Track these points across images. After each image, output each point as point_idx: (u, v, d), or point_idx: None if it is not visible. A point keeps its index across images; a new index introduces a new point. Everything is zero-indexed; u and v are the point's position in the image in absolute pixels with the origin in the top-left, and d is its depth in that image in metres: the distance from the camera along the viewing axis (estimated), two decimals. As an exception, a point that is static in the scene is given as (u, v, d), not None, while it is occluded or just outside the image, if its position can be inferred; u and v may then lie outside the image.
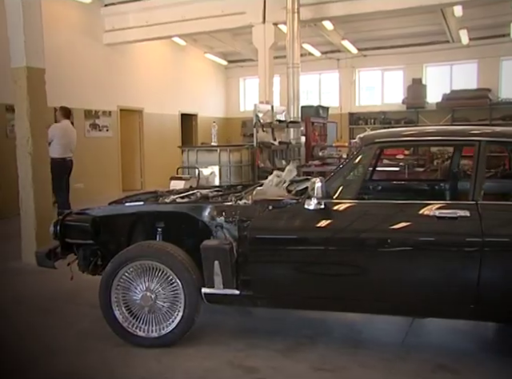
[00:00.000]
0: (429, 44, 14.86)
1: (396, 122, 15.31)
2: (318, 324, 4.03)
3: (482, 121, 14.51)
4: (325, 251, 3.31)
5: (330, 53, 16.04)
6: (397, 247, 3.17)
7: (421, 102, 15.15)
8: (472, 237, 3.03)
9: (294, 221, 3.39)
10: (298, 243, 3.38)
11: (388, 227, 3.19)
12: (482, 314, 3.17)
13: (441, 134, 3.50)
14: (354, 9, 10.78)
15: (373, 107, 16.16)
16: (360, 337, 3.78)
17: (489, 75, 14.75)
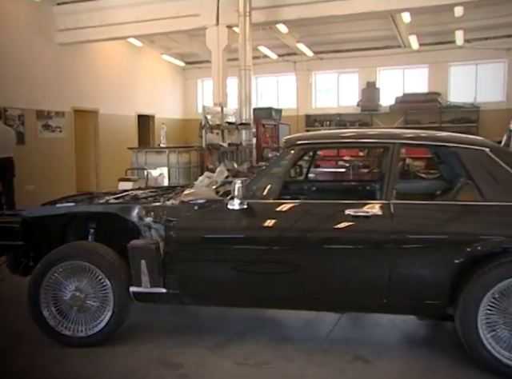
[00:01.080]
0: (382, 48, 15.24)
1: (351, 124, 15.64)
2: (250, 321, 4.14)
3: (432, 124, 15.01)
4: (247, 250, 3.42)
5: (286, 56, 16.24)
6: (314, 245, 3.31)
7: (375, 105, 15.53)
8: (383, 234, 3.19)
9: (218, 221, 3.50)
10: (222, 242, 3.49)
11: (305, 226, 3.33)
12: (393, 308, 3.34)
13: (358, 137, 3.67)
14: (306, 14, 10.98)
15: (329, 109, 16.45)
16: (287, 332, 3.92)
17: (439, 80, 15.24)
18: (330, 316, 4.08)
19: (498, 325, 3.08)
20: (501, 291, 3.06)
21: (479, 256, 3.11)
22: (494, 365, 3.08)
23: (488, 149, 3.30)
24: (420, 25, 13.39)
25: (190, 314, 4.34)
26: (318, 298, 3.42)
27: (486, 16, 12.96)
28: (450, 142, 3.42)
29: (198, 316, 4.31)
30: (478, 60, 14.82)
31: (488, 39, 14.31)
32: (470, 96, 15.13)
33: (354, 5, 10.67)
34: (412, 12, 11.80)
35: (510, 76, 14.55)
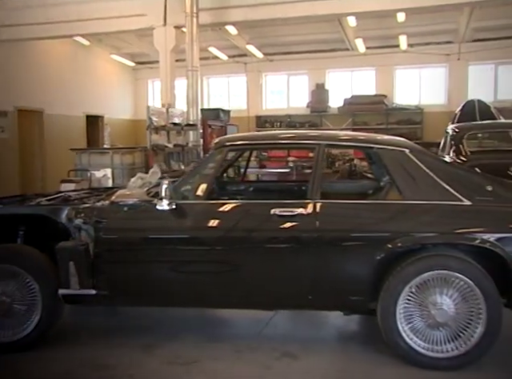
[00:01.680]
0: (331, 51, 15.54)
1: (301, 125, 15.88)
2: (182, 320, 4.16)
3: (379, 125, 15.45)
4: (175, 250, 3.46)
5: (237, 57, 16.32)
6: (241, 245, 3.37)
7: (324, 106, 15.81)
8: (307, 233, 3.29)
9: (147, 222, 3.52)
10: (150, 243, 3.51)
11: (232, 226, 3.39)
12: (319, 304, 3.45)
13: (285, 138, 3.77)
14: (252, 16, 11.08)
15: (279, 110, 16.65)
16: (218, 331, 3.97)
17: (385, 82, 15.69)
18: (265, 314, 4.16)
19: (414, 316, 3.23)
20: (417, 285, 3.21)
21: (399, 252, 3.25)
22: (410, 354, 3.22)
23: (407, 150, 3.46)
24: (366, 29, 13.75)
25: (122, 315, 4.34)
26: (246, 297, 3.48)
27: (428, 22, 13.45)
28: (372, 143, 3.56)
29: (129, 316, 4.31)
30: (422, 64, 15.35)
31: (430, 44, 14.86)
32: (414, 98, 15.66)
33: (299, 8, 10.84)
34: (357, 16, 12.10)
35: (451, 80, 15.13)
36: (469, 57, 14.78)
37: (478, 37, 14.54)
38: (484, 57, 14.60)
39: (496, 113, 10.61)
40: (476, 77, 15.26)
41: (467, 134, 8.40)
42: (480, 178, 3.48)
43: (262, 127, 16.28)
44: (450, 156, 8.24)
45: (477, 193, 3.32)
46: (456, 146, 8.28)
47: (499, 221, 3.24)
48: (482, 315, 3.16)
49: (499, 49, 14.21)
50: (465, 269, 3.16)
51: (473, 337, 3.17)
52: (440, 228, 3.26)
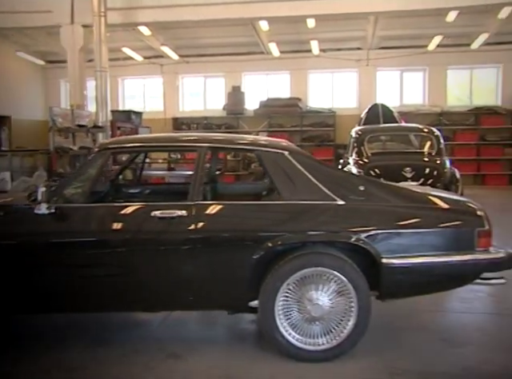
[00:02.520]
0: (246, 54, 15.73)
1: (217, 128, 15.95)
2: (69, 325, 4.07)
3: (294, 127, 15.86)
4: (55, 255, 3.39)
5: (153, 59, 16.11)
6: (122, 247, 3.37)
7: (240, 109, 15.97)
8: (186, 234, 3.34)
9: (24, 227, 3.41)
10: (29, 247, 3.41)
11: (112, 229, 3.38)
12: (201, 304, 3.51)
13: (167, 141, 3.81)
14: (163, 17, 11.05)
15: (196, 112, 16.61)
16: (106, 335, 3.92)
17: (299, 86, 16.10)
18: (159, 315, 4.17)
19: (292, 312, 3.36)
20: (294, 282, 3.35)
21: (277, 251, 3.37)
22: (289, 349, 3.35)
23: (287, 152, 3.59)
24: (279, 33, 14.07)
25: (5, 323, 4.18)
26: (129, 299, 3.47)
27: (338, 29, 13.99)
28: (253, 146, 3.67)
29: (15, 324, 4.16)
30: (334, 69, 15.89)
31: (341, 50, 15.44)
32: (327, 102, 16.20)
33: (212, 11, 10.94)
34: (269, 21, 12.35)
35: (361, 84, 15.80)
36: (377, 63, 15.51)
37: (384, 45, 15.30)
38: (391, 63, 15.37)
39: (398, 117, 11.22)
40: (384, 83, 16.04)
41: (368, 137, 8.83)
42: (353, 179, 3.68)
43: (179, 129, 16.17)
44: (353, 157, 8.64)
45: (350, 193, 3.51)
46: (358, 148, 8.68)
47: (370, 220, 3.44)
48: (353, 308, 3.34)
49: (404, 56, 15.03)
50: (338, 265, 3.33)
51: (345, 329, 3.35)
52: (316, 227, 3.42)
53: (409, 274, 3.40)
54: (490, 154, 14.86)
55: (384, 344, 3.69)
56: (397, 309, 4.36)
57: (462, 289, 4.65)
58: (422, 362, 3.39)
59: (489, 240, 3.51)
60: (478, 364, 3.37)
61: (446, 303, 4.58)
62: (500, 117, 14.86)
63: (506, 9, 11.61)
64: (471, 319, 4.27)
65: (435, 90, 15.53)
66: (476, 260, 3.45)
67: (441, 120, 15.17)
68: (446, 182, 7.74)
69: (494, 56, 14.74)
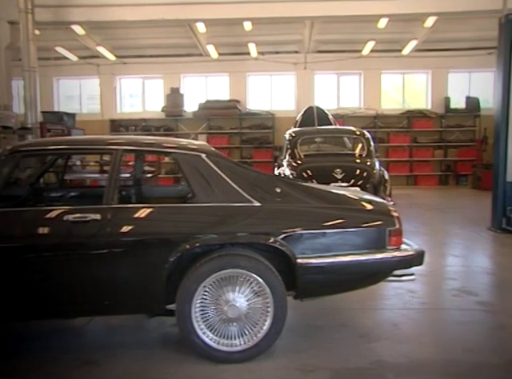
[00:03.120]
0: (185, 56, 15.66)
1: (156, 129, 15.76)
2: None
3: (233, 129, 15.91)
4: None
5: (89, 59, 15.74)
6: (30, 253, 3.26)
7: (179, 111, 15.86)
8: (99, 238, 3.28)
9: None
10: None
11: (22, 234, 3.27)
12: (117, 309, 3.46)
13: (82, 143, 3.73)
14: (97, 16, 10.83)
15: (135, 114, 16.37)
16: (22, 345, 3.79)
17: (238, 88, 16.18)
18: (79, 322, 4.07)
19: (209, 314, 3.37)
20: (211, 284, 3.35)
21: (193, 254, 3.37)
22: (206, 350, 3.36)
23: (204, 155, 3.60)
24: (216, 35, 14.10)
25: None
26: (44, 306, 3.37)
27: (275, 32, 14.16)
28: (170, 148, 3.65)
29: None
30: (272, 71, 16.08)
31: (279, 53, 15.64)
32: (266, 104, 16.36)
33: (146, 11, 10.82)
34: (206, 23, 12.35)
35: (299, 87, 16.06)
36: (314, 66, 15.82)
37: (321, 49, 15.64)
38: (328, 67, 15.73)
39: (332, 120, 11.46)
40: (322, 86, 16.37)
41: (301, 139, 8.98)
42: (270, 180, 3.71)
43: (117, 131, 15.87)
44: (287, 159, 8.77)
45: (266, 195, 3.55)
46: (291, 150, 8.81)
47: (286, 221, 3.50)
48: (269, 308, 3.39)
49: (340, 60, 15.43)
50: (254, 267, 3.36)
51: (262, 329, 3.39)
52: (231, 229, 3.44)
53: (324, 274, 3.49)
54: (422, 156, 15.48)
55: (303, 342, 3.77)
56: (319, 307, 4.46)
57: (383, 287, 4.87)
58: (336, 358, 3.48)
59: (399, 238, 3.66)
60: (387, 357, 3.50)
61: (367, 300, 4.72)
62: (430, 121, 15.50)
63: (431, 19, 12.17)
64: (389, 315, 4.42)
65: (370, 94, 16.02)
66: (388, 258, 3.58)
67: (376, 122, 15.68)
68: (376, 183, 7.98)
69: (424, 62, 15.38)
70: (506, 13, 7.78)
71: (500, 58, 7.87)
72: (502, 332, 3.97)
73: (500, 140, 7.91)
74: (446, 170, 15.57)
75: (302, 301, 3.76)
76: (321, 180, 7.92)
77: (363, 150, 8.75)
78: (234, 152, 15.97)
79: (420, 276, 5.52)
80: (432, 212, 10.34)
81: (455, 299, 4.76)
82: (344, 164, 8.13)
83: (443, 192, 14.04)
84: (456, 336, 3.93)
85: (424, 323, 4.23)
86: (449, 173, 15.57)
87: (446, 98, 15.64)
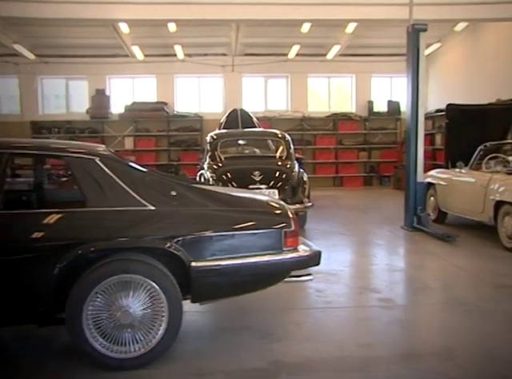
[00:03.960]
0: (110, 56, 15.25)
1: (81, 132, 15.27)
2: None
3: (160, 132, 15.71)
4: None
5: (6, 57, 14.98)
6: None
7: (105, 113, 15.46)
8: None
9: None
10: None
11: None
12: (4, 319, 3.31)
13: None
14: (10, 12, 10.35)
15: (58, 116, 15.74)
16: None
17: (166, 90, 15.97)
18: None
19: (102, 321, 3.29)
20: (103, 290, 3.27)
21: (83, 260, 3.28)
22: (99, 358, 3.28)
23: (98, 158, 3.51)
24: (141, 36, 13.87)
25: None
26: None
27: (202, 35, 14.11)
28: (61, 152, 3.54)
29: None
30: (200, 73, 15.99)
31: (207, 55, 15.59)
32: (195, 106, 16.27)
33: (63, 9, 10.46)
34: (129, 23, 12.12)
35: (227, 90, 16.08)
36: (242, 69, 15.89)
37: (249, 52, 15.73)
38: (255, 70, 15.83)
39: (257, 123, 11.56)
40: (250, 88, 16.48)
41: (222, 141, 9.00)
42: (166, 183, 3.68)
43: (39, 133, 15.21)
44: (207, 162, 8.75)
45: (161, 198, 3.52)
46: (212, 153, 8.81)
47: (180, 224, 3.49)
48: (164, 313, 3.35)
49: (268, 64, 15.57)
50: (147, 272, 3.32)
51: (157, 334, 3.35)
52: (123, 233, 3.38)
53: (219, 276, 3.50)
54: (347, 158, 15.92)
55: (204, 345, 3.77)
56: (226, 309, 4.48)
57: (291, 287, 4.93)
58: (235, 361, 3.50)
59: (296, 239, 3.73)
60: (286, 357, 3.56)
61: (274, 301, 4.78)
62: (354, 123, 15.97)
63: (351, 25, 12.56)
64: (294, 315, 4.50)
65: (297, 97, 16.29)
66: (284, 259, 3.64)
67: (303, 125, 15.97)
68: (294, 185, 8.14)
69: (348, 66, 15.82)
70: (412, 23, 8.15)
71: (409, 65, 8.22)
72: (397, 326, 4.15)
73: (411, 142, 8.26)
74: (370, 171, 16.08)
75: (200, 305, 3.76)
76: (240, 182, 7.98)
77: (283, 153, 8.90)
78: (162, 154, 15.77)
79: (330, 275, 5.69)
80: (353, 212, 10.65)
81: (359, 297, 4.92)
82: (263, 166, 8.22)
83: (367, 192, 14.50)
84: (354, 333, 4.07)
85: (326, 322, 4.33)
86: (373, 175, 16.10)
87: (370, 102, 16.17)
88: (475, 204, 7.45)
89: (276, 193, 7.85)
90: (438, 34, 14.34)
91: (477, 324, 4.16)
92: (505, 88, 12.03)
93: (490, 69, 13.00)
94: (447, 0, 10.68)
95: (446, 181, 8.52)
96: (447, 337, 3.87)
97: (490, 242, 7.04)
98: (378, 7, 10.69)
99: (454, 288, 5.32)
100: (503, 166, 7.68)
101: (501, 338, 3.85)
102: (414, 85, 8.16)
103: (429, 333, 3.98)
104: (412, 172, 8.28)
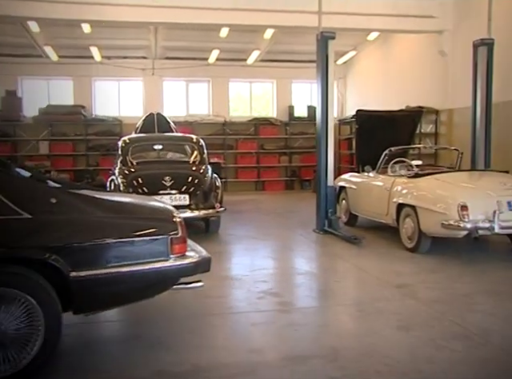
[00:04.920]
0: (22, 56, 14.54)
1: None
2: None
3: (78, 136, 15.18)
4: None
5: None
6: None
7: (16, 115, 14.69)
8: None
9: None
10: None
11: None
12: None
13: None
14: None
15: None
16: None
17: (83, 93, 15.47)
18: None
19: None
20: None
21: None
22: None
23: None
24: (54, 36, 13.35)
25: None
26: None
27: (120, 37, 13.77)
28: None
29: None
30: (120, 77, 15.63)
31: (127, 58, 15.26)
32: (114, 110, 15.86)
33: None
34: (39, 22, 11.61)
35: (147, 94, 15.82)
36: (162, 73, 15.68)
37: (169, 55, 15.55)
38: (176, 74, 15.68)
39: (174, 127, 11.41)
40: (171, 92, 16.29)
41: (134, 146, 8.83)
42: (45, 191, 3.52)
43: None
44: (119, 167, 8.54)
45: (39, 206, 3.35)
46: (123, 157, 8.63)
47: (59, 233, 3.33)
48: (40, 328, 3.18)
49: (189, 68, 15.47)
50: (21, 284, 3.15)
51: (31, 352, 3.16)
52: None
53: (101, 287, 3.38)
54: (268, 162, 16.10)
55: (89, 358, 3.62)
56: (119, 319, 4.35)
57: (192, 293, 4.85)
58: (116, 372, 3.40)
59: (183, 246, 3.67)
60: (172, 366, 3.48)
61: (171, 309, 4.69)
62: (275, 128, 16.19)
63: (269, 31, 12.73)
64: (190, 322, 4.41)
65: (219, 101, 16.28)
66: (170, 266, 3.57)
67: (225, 129, 15.97)
68: (206, 190, 8.10)
69: (269, 72, 16.02)
70: (320, 31, 8.36)
71: (318, 72, 8.42)
72: (291, 329, 4.18)
73: (321, 147, 8.46)
74: (292, 176, 16.34)
75: (85, 316, 3.62)
76: (150, 188, 7.86)
77: (197, 157, 8.85)
78: (80, 159, 15.23)
79: (234, 280, 5.69)
80: (270, 216, 10.76)
81: (259, 301, 4.93)
82: (174, 171, 8.14)
83: (287, 196, 14.72)
84: (247, 338, 4.06)
85: (222, 328, 4.32)
86: (294, 179, 16.36)
87: (290, 107, 16.45)
88: (381, 206, 7.73)
89: (187, 198, 7.80)
90: (353, 43, 14.85)
91: (365, 323, 4.30)
92: (413, 96, 12.66)
93: (400, 77, 13.63)
94: (359, 10, 11.04)
95: (356, 185, 8.80)
96: (336, 338, 3.95)
97: (393, 243, 7.32)
98: (293, 14, 10.87)
99: (352, 289, 5.48)
100: (407, 170, 8.05)
101: (383, 335, 3.99)
102: (324, 91, 8.37)
103: (319, 335, 4.04)
104: (323, 176, 8.47)
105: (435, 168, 8.55)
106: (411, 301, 4.87)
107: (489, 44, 8.99)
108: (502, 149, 9.52)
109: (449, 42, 11.36)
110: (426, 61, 12.44)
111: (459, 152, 8.67)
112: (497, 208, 6.08)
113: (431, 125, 12.35)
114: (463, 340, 3.88)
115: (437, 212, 6.34)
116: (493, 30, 9.17)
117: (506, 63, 9.57)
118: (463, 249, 7.04)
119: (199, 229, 8.67)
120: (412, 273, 5.89)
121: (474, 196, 6.36)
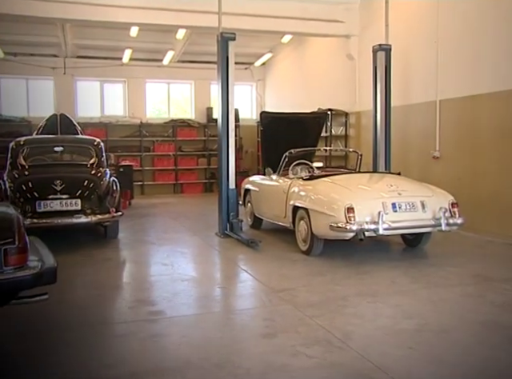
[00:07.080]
0: None
1: None
2: None
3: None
4: None
5: None
6: None
7: None
8: None
9: None
10: None
11: None
12: None
13: None
14: None
15: None
16: None
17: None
18: None
19: None
20: None
21: None
22: None
23: None
24: None
25: None
26: None
27: (26, 32, 13.08)
28: None
29: None
30: (28, 75, 14.89)
31: (34, 55, 14.56)
32: (23, 110, 15.08)
33: None
34: None
35: (59, 93, 15.19)
36: (75, 72, 15.11)
37: (82, 54, 15.00)
38: (90, 73, 15.17)
39: (79, 129, 10.95)
40: (85, 92, 15.70)
41: (26, 148, 8.39)
42: None
43: None
44: (8, 170, 8.06)
45: None
46: (13, 160, 8.16)
47: None
48: None
49: (103, 67, 14.99)
50: None
51: None
52: None
53: None
54: (187, 164, 15.87)
55: None
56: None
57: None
58: None
59: (23, 256, 3.41)
60: None
61: (25, 322, 4.39)
62: (193, 130, 15.98)
63: (181, 31, 12.50)
64: (48, 336, 4.15)
65: (135, 102, 15.89)
66: (4, 279, 3.30)
67: (141, 131, 15.58)
68: (102, 194, 7.78)
69: (187, 73, 15.80)
70: (220, 32, 8.25)
71: (219, 73, 8.31)
72: (150, 341, 3.98)
73: (222, 150, 8.35)
74: (211, 178, 16.16)
75: None
76: (40, 192, 7.44)
77: (95, 160, 8.50)
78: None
79: (114, 289, 5.44)
80: (178, 220, 10.53)
81: (129, 311, 4.72)
82: (66, 175, 7.75)
83: (204, 199, 14.50)
84: (104, 351, 3.84)
85: (81, 341, 4.06)
86: (213, 181, 16.17)
87: (209, 108, 16.29)
88: (279, 209, 7.70)
89: (79, 203, 7.45)
90: (269, 45, 14.90)
91: (232, 332, 4.19)
92: (326, 98, 12.84)
93: (313, 79, 13.81)
94: (270, 12, 11.02)
95: (259, 187, 8.76)
96: (194, 349, 3.80)
97: (291, 247, 7.29)
98: (200, 14, 10.69)
99: (233, 296, 5.37)
100: (308, 172, 8.08)
101: (245, 344, 3.90)
102: (224, 93, 8.27)
103: (178, 347, 3.87)
104: (224, 179, 8.36)
105: (334, 170, 8.63)
106: (287, 305, 4.81)
107: (386, 49, 9.21)
108: (398, 152, 9.82)
109: (356, 47, 11.60)
110: (337, 65, 12.66)
111: (358, 154, 8.83)
112: (382, 209, 6.19)
113: (342, 128, 12.57)
114: (323, 345, 3.84)
115: (326, 214, 6.36)
116: (393, 37, 9.42)
117: (403, 68, 9.87)
118: (356, 251, 7.12)
119: (99, 234, 8.34)
120: (299, 277, 5.86)
121: (360, 198, 6.43)
